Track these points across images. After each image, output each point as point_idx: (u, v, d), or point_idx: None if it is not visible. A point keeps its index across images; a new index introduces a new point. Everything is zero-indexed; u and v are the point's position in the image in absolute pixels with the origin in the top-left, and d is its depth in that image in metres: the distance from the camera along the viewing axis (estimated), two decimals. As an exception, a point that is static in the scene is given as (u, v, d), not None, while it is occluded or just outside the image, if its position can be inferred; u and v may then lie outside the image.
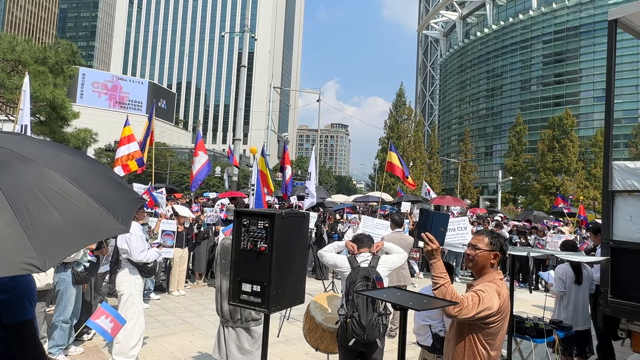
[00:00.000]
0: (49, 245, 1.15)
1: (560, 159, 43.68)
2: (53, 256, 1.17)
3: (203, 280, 10.11)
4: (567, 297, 5.34)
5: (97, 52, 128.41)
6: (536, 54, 63.47)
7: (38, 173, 1.30)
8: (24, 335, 1.93)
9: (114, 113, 70.35)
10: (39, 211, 1.18)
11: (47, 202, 1.21)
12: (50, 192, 1.25)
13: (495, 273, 2.60)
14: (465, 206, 17.97)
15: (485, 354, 2.48)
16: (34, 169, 1.31)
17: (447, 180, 65.90)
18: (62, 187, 1.29)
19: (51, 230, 1.18)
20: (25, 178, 1.25)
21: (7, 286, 1.93)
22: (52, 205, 1.21)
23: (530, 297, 10.61)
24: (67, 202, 1.26)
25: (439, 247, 2.52)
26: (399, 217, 7.14)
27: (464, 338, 2.55)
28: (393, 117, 51.12)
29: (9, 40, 19.22)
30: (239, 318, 3.82)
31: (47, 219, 1.18)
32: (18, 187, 1.20)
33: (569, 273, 5.39)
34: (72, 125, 23.36)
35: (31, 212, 1.16)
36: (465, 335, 2.55)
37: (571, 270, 5.39)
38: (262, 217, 2.91)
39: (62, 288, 5.14)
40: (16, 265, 1.09)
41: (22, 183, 1.22)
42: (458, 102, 77.61)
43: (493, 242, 2.60)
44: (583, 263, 5.30)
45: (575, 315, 5.28)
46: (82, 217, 1.28)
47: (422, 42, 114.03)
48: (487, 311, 2.40)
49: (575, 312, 5.29)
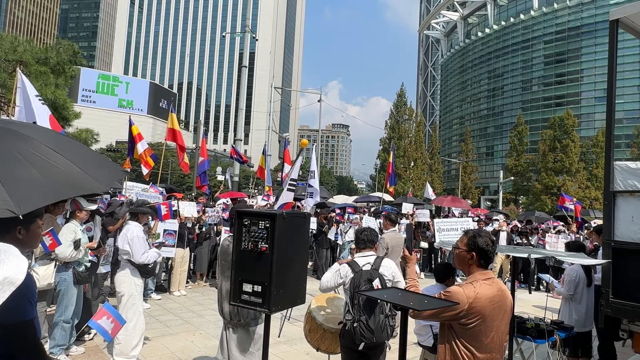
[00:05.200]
0: (25, 194, 1.38)
1: (562, 159, 43.61)
2: (29, 203, 1.43)
3: (204, 281, 10.11)
4: (579, 299, 5.30)
5: (98, 52, 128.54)
6: (537, 54, 63.40)
7: (24, 142, 1.57)
8: (24, 336, 1.93)
9: (115, 113, 70.44)
10: (17, 169, 1.44)
11: (27, 162, 1.49)
12: (32, 155, 1.53)
13: (478, 273, 2.60)
14: (467, 207, 17.93)
15: (469, 355, 2.47)
16: (20, 140, 1.59)
17: (448, 181, 65.85)
18: (44, 153, 1.57)
19: (28, 183, 1.43)
20: (10, 145, 1.53)
21: None
22: (32, 165, 1.49)
23: (531, 298, 10.60)
24: (46, 163, 1.54)
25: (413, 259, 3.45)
26: (395, 216, 7.18)
27: (445, 339, 2.58)
28: (394, 117, 51.08)
29: (11, 40, 19.26)
30: (239, 319, 3.82)
31: (25, 174, 1.45)
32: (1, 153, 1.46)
33: (582, 275, 5.34)
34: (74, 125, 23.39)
35: (9, 170, 1.41)
36: (446, 336, 2.58)
37: (583, 272, 5.36)
38: (263, 218, 2.91)
39: (63, 288, 5.14)
40: None
41: (3, 149, 1.49)
42: (459, 102, 77.56)
43: (469, 242, 2.63)
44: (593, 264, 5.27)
45: (586, 317, 5.26)
46: (61, 175, 1.56)
47: (423, 42, 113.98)
48: (449, 311, 2.42)
49: (586, 314, 5.27)
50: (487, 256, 2.60)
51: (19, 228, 1.99)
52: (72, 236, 5.06)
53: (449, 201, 17.81)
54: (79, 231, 5.18)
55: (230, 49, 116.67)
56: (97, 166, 1.81)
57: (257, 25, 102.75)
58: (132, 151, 9.59)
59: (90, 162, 1.80)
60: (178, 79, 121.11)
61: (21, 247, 2.11)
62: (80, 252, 5.13)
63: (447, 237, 9.09)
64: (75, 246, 5.04)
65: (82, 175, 1.66)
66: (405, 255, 3.64)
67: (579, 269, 5.37)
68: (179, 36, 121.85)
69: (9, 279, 0.87)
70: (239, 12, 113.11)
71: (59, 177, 1.57)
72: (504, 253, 8.32)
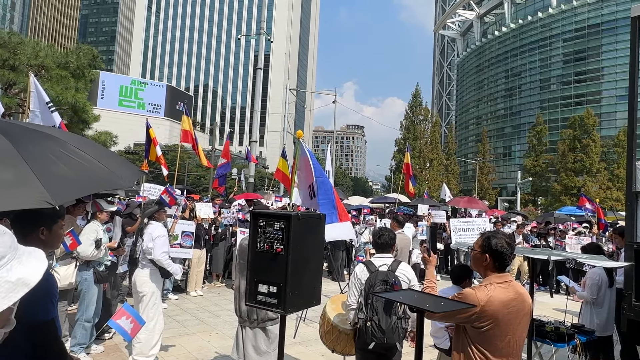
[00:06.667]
0: (58, 188, 1.53)
1: (582, 159, 42.73)
2: (62, 196, 1.58)
3: (220, 281, 10.19)
4: (601, 302, 5.18)
5: (116, 56, 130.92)
6: (556, 52, 62.27)
7: (53, 142, 1.74)
8: (45, 334, 1.97)
9: (133, 116, 71.53)
10: (49, 166, 1.60)
11: (58, 160, 1.64)
12: (61, 154, 1.68)
13: (493, 276, 2.54)
14: (484, 208, 17.68)
15: (482, 358, 2.44)
16: (50, 140, 1.76)
17: (464, 182, 65.13)
18: (71, 152, 1.72)
19: (60, 178, 1.59)
20: (42, 145, 1.69)
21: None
22: (62, 162, 1.65)
23: (551, 301, 10.40)
24: (74, 161, 1.70)
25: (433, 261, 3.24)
26: (403, 218, 7.20)
27: (459, 345, 2.55)
28: (409, 118, 50.78)
29: (33, 46, 19.76)
30: (256, 318, 3.84)
31: (57, 171, 1.60)
32: (34, 152, 1.62)
33: (604, 278, 5.21)
34: (93, 128, 23.85)
35: (43, 166, 1.56)
36: (460, 341, 2.55)
37: (605, 274, 5.24)
38: (278, 219, 2.92)
39: (84, 287, 5.24)
40: (33, 199, 1.43)
41: (38, 149, 1.65)
42: (475, 102, 76.67)
43: (483, 244, 2.58)
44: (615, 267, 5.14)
45: (607, 320, 5.14)
46: (88, 172, 1.72)
47: (438, 42, 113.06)
48: (462, 312, 2.39)
49: (608, 318, 5.15)
50: (501, 258, 2.54)
51: (42, 229, 2.05)
52: (93, 235, 5.17)
53: (465, 202, 17.59)
54: (100, 231, 5.29)
55: (246, 51, 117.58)
56: (118, 164, 1.93)
57: (272, 27, 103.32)
58: (149, 153, 9.73)
59: (111, 160, 1.93)
60: (194, 82, 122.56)
61: (44, 247, 2.17)
62: (101, 251, 5.24)
63: (463, 238, 8.99)
64: (96, 245, 5.15)
65: (105, 172, 1.80)
66: (424, 257, 3.60)
67: (601, 271, 5.25)
68: (195, 39, 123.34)
69: (23, 280, 0.89)
70: (254, 14, 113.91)
71: (86, 173, 1.72)
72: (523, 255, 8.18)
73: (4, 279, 0.86)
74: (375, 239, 3.93)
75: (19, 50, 18.83)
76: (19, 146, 1.57)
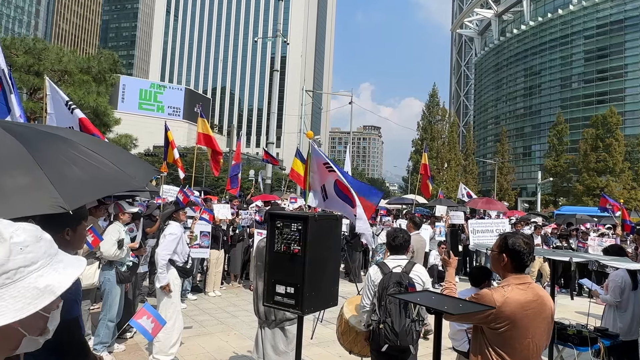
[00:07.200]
0: (73, 192, 1.53)
1: (605, 159, 41.70)
2: (76, 200, 1.58)
3: (238, 282, 10.28)
4: (625, 305, 5.05)
5: (136, 60, 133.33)
6: (577, 50, 60.94)
7: (67, 145, 1.73)
8: (69, 333, 2.03)
9: (152, 119, 72.69)
10: (63, 169, 1.59)
11: (72, 163, 1.63)
12: (75, 156, 1.67)
13: (512, 277, 2.51)
14: (503, 209, 17.41)
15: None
16: (64, 143, 1.75)
17: (483, 182, 64.23)
18: (85, 154, 1.72)
19: (74, 182, 1.58)
20: (56, 148, 1.68)
21: None
22: (75, 165, 1.63)
23: (573, 303, 10.18)
24: (88, 163, 1.68)
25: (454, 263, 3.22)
26: (419, 219, 7.15)
27: (477, 348, 2.54)
28: (426, 118, 50.37)
29: (56, 51, 20.29)
30: (274, 319, 3.87)
31: (70, 174, 1.59)
32: (48, 156, 1.61)
33: (627, 280, 5.08)
34: (114, 131, 24.34)
35: (57, 170, 1.56)
36: (478, 344, 2.53)
37: (629, 276, 5.11)
38: (295, 220, 2.94)
39: (107, 287, 5.36)
40: (47, 205, 1.43)
41: (51, 153, 1.64)
42: (494, 102, 75.57)
43: (500, 244, 2.56)
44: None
45: (632, 324, 5.01)
46: (101, 174, 1.71)
47: (455, 41, 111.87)
48: (479, 313, 2.37)
49: (632, 321, 5.02)
50: (519, 258, 2.50)
51: (67, 230, 2.14)
52: (116, 236, 5.29)
53: (483, 203, 17.35)
54: (122, 232, 5.41)
55: (262, 53, 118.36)
56: (132, 165, 1.94)
57: (288, 29, 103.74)
58: (167, 155, 9.88)
59: (125, 161, 1.94)
60: (212, 84, 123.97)
61: (69, 248, 2.25)
62: (123, 251, 5.35)
63: (481, 239, 8.88)
64: (118, 245, 5.27)
65: (119, 173, 1.80)
66: (443, 258, 3.57)
67: (624, 273, 5.12)
68: (212, 43, 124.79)
69: (51, 287, 0.91)
70: (270, 17, 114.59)
71: (100, 175, 1.72)
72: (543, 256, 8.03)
73: (32, 286, 0.87)
74: (389, 241, 3.89)
75: (43, 56, 19.35)
76: (33, 150, 1.59)
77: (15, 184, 1.47)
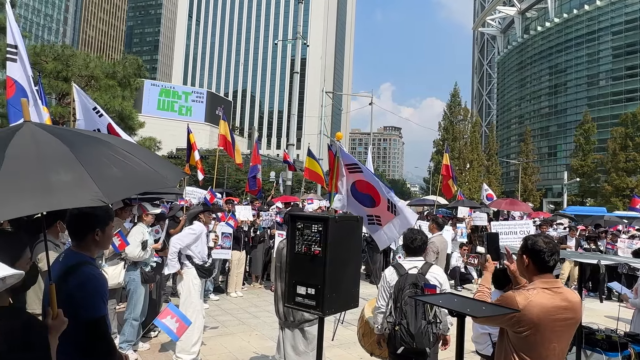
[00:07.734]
0: (111, 188, 1.70)
1: (635, 158, 40.35)
2: (114, 195, 1.76)
3: (259, 283, 10.36)
4: None
5: (159, 64, 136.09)
6: (605, 46, 59.23)
7: (105, 146, 1.94)
8: (98, 330, 2.11)
9: (175, 122, 73.93)
10: (102, 168, 1.78)
11: (109, 162, 1.82)
12: (111, 157, 1.86)
13: (538, 280, 2.43)
14: (527, 210, 17.03)
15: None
16: (103, 145, 1.95)
17: (507, 183, 62.99)
18: (121, 155, 1.90)
19: (111, 179, 1.75)
20: (96, 150, 1.88)
21: (84, 285, 2.12)
22: (113, 164, 1.82)
23: (601, 307, 9.87)
24: (123, 163, 1.86)
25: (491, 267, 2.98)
26: (442, 220, 7.06)
27: (502, 349, 2.50)
28: (447, 119, 49.75)
29: (83, 57, 20.88)
30: (292, 320, 3.89)
31: (109, 172, 1.78)
32: (89, 156, 1.79)
33: None
34: (138, 134, 24.88)
35: (97, 168, 1.74)
36: (503, 349, 2.49)
37: None
38: (315, 221, 2.95)
39: (132, 287, 5.49)
40: (89, 198, 1.59)
41: (92, 153, 1.83)
42: (518, 101, 74.08)
43: (523, 245, 2.53)
44: None
45: None
46: (135, 173, 1.89)
47: (477, 40, 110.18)
48: (501, 317, 2.34)
49: None
50: (540, 258, 2.42)
51: (97, 231, 2.27)
52: (140, 237, 5.41)
53: (507, 204, 17.00)
54: (146, 233, 5.53)
55: (282, 55, 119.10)
56: (162, 166, 2.08)
57: (308, 31, 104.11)
58: (189, 158, 10.04)
59: (156, 162, 2.08)
60: (233, 87, 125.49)
61: (98, 247, 2.35)
62: (147, 252, 5.47)
63: (505, 241, 8.70)
64: (142, 246, 5.39)
65: (152, 173, 1.95)
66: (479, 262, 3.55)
67: (655, 277, 4.95)
68: (233, 46, 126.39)
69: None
70: (290, 19, 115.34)
71: (134, 173, 1.88)
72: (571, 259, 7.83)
73: None
74: (407, 243, 3.82)
75: (71, 62, 19.93)
76: (76, 151, 1.75)
77: (60, 180, 1.60)
